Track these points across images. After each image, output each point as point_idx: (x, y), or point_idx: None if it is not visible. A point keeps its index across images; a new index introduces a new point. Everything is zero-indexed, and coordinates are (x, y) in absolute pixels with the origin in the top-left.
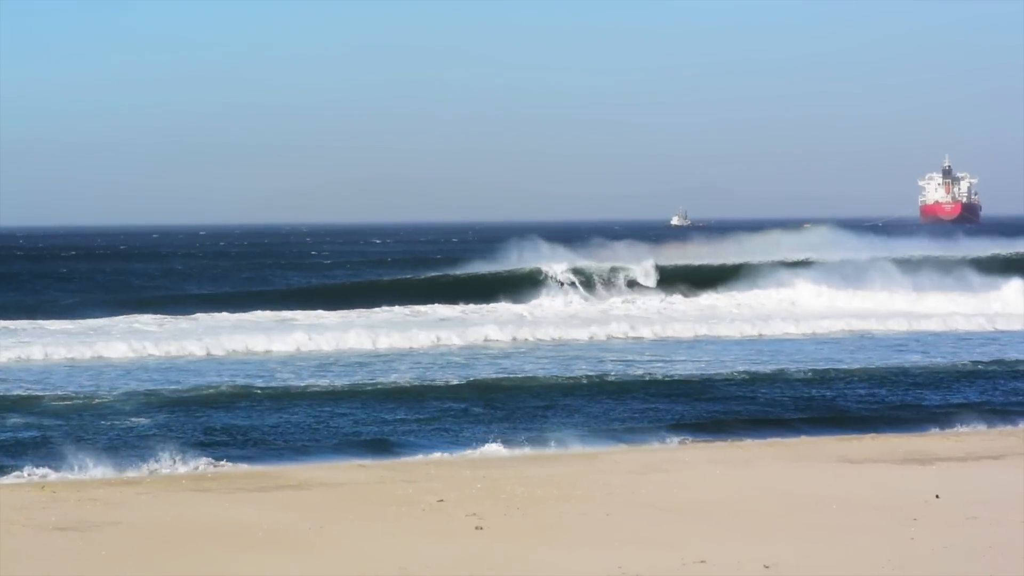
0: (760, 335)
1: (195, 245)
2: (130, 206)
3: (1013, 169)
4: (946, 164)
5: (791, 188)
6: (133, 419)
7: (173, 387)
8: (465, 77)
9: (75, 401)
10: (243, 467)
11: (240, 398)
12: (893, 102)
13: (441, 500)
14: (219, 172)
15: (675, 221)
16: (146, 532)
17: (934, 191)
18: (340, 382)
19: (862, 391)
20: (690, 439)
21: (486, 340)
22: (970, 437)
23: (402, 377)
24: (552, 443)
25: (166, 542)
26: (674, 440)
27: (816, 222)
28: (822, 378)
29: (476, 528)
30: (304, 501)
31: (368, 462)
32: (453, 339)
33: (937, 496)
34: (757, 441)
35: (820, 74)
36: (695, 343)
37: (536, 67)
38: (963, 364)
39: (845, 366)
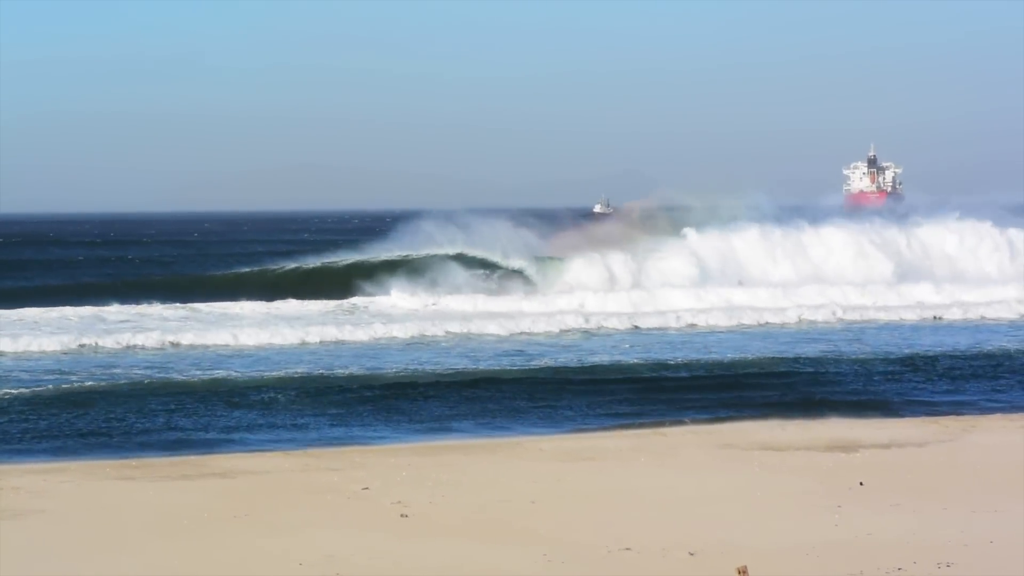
0: None
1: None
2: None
3: (936, 158)
4: (871, 153)
5: (714, 173)
6: (38, 413)
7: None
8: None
9: None
10: (167, 455)
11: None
12: (819, 88)
13: (366, 488)
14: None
15: (598, 209)
16: (71, 520)
17: (859, 180)
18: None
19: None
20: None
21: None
22: (893, 425)
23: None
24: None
25: (91, 530)
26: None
27: None
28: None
29: (401, 516)
30: (229, 489)
31: (293, 450)
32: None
33: (861, 483)
34: (680, 428)
35: (743, 58)
36: None
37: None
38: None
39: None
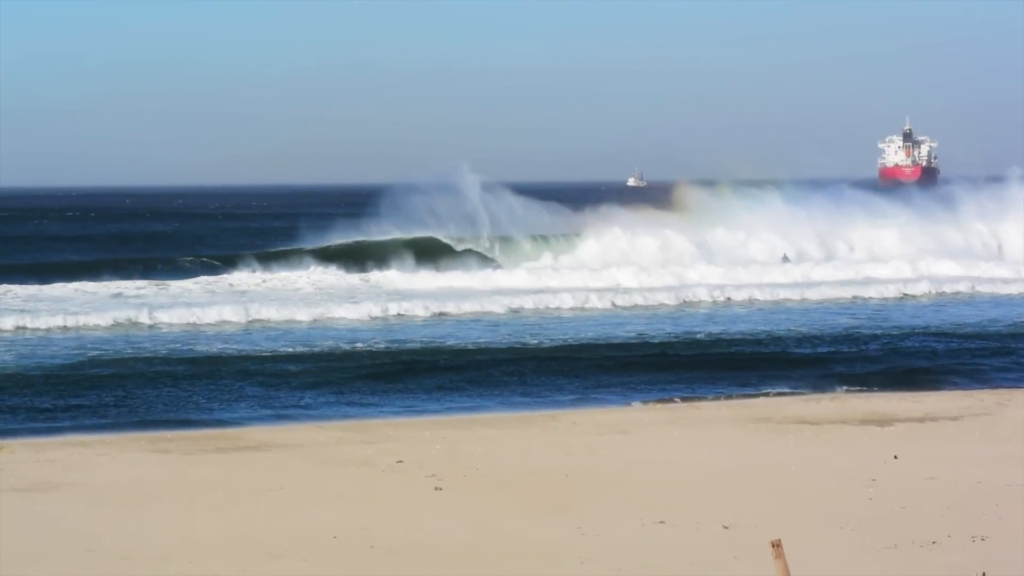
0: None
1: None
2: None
3: (972, 133)
4: (907, 127)
5: (748, 150)
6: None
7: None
8: (431, 53)
9: None
10: (201, 429)
11: None
12: (854, 64)
13: (400, 461)
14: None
15: (631, 182)
16: (105, 493)
17: (894, 154)
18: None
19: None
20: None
21: None
22: (928, 398)
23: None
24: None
25: (125, 503)
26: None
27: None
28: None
29: (435, 489)
30: (263, 462)
31: (327, 423)
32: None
33: (896, 457)
34: (715, 402)
35: (777, 37)
36: None
37: (497, 38)
38: None
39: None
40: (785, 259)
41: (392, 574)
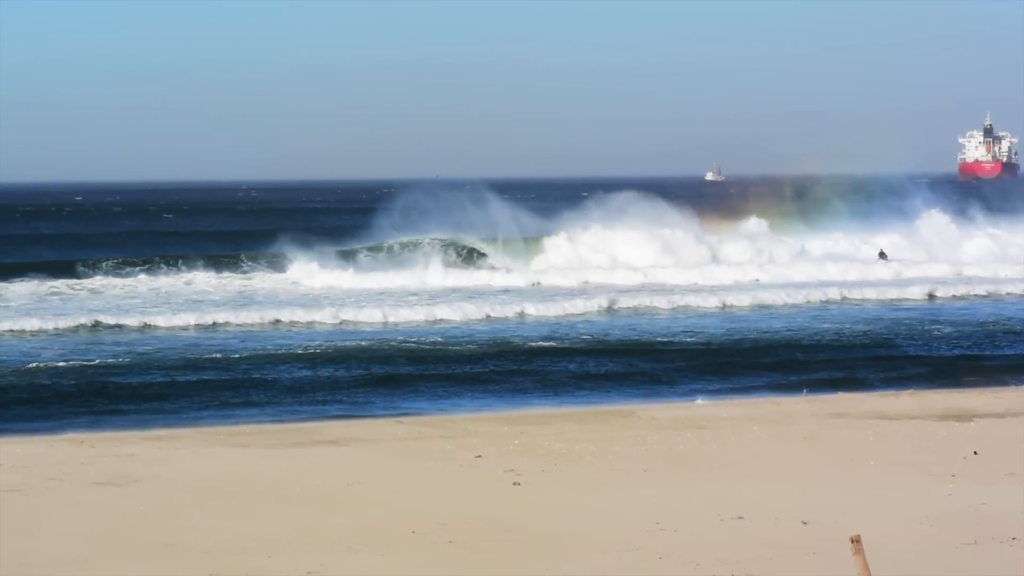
0: None
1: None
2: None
3: None
4: (987, 123)
5: (827, 145)
6: (160, 378)
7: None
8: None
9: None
10: (280, 423)
11: None
12: (935, 57)
13: (479, 456)
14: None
15: (710, 177)
16: (184, 487)
17: (974, 149)
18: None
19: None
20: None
21: None
22: (1009, 394)
23: None
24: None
25: (204, 497)
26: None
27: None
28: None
29: (514, 484)
30: (342, 456)
31: (406, 418)
32: None
33: (975, 452)
34: (794, 397)
35: (857, 29)
36: None
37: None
38: None
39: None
40: (882, 255)
41: (471, 569)
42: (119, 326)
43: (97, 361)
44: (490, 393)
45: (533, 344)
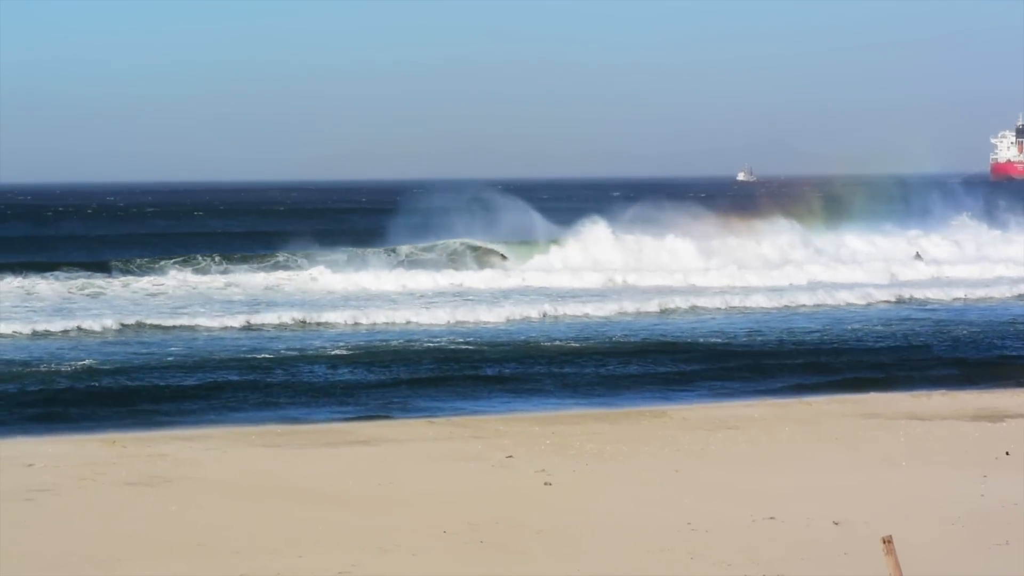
0: None
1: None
2: (197, 163)
3: None
4: (1020, 123)
5: (858, 144)
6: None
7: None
8: (532, 50)
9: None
10: (311, 424)
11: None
12: (967, 55)
13: (510, 456)
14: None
15: (741, 177)
16: (215, 487)
17: (1007, 149)
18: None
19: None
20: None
21: None
22: None
23: None
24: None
25: (236, 497)
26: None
27: (873, 179)
28: None
29: (545, 484)
30: (373, 457)
31: (437, 419)
32: None
33: (1007, 453)
34: (826, 398)
35: (887, 26)
36: None
37: (598, 35)
38: None
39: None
40: (918, 257)
41: (502, 569)
42: (151, 326)
43: (127, 361)
44: (519, 393)
45: (562, 344)
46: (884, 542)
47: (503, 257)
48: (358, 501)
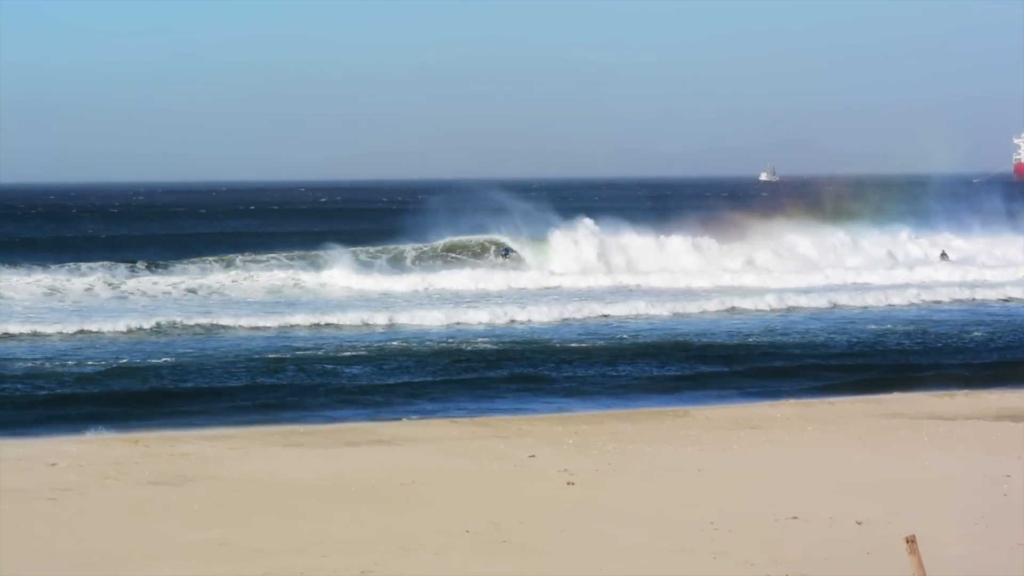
0: None
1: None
2: (220, 163)
3: None
4: None
5: (882, 143)
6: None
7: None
8: (548, 49)
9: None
10: (335, 423)
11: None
12: (991, 52)
13: (533, 456)
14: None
15: (764, 177)
16: (239, 486)
17: None
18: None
19: None
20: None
21: None
22: None
23: None
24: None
25: (259, 496)
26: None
27: (898, 179)
28: None
29: (568, 483)
30: (396, 456)
31: (460, 418)
32: None
33: None
34: (849, 398)
35: (911, 21)
36: None
37: (619, 32)
38: None
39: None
40: (943, 257)
41: (524, 568)
42: (177, 325)
43: (152, 360)
44: (542, 393)
45: (587, 345)
46: (907, 541)
47: (528, 257)
48: (381, 500)
